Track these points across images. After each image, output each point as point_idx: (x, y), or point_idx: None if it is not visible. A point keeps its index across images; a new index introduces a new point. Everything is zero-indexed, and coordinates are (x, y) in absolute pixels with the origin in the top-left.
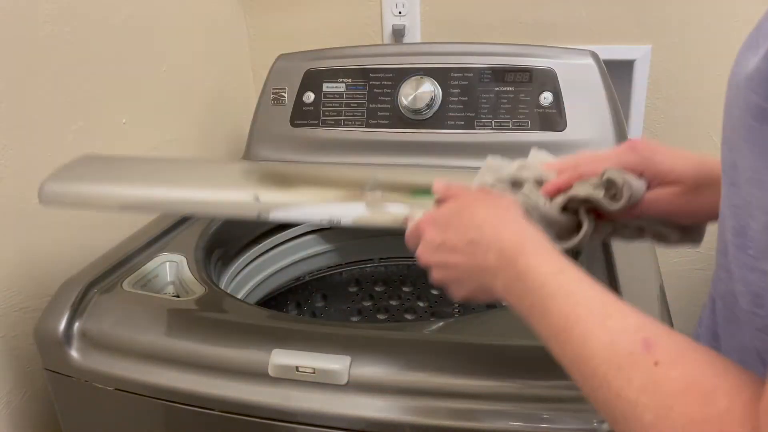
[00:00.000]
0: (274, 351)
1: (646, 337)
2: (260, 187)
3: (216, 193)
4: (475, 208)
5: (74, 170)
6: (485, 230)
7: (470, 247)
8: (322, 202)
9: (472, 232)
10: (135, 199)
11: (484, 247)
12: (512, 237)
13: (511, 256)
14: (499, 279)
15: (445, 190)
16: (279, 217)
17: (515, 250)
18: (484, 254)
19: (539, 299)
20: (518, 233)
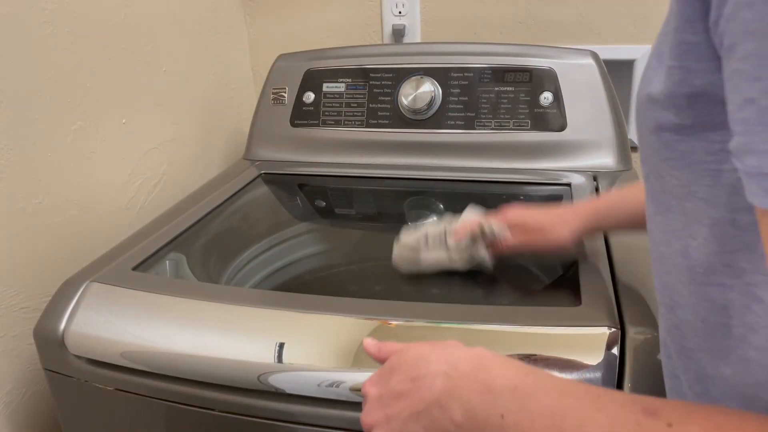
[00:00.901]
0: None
1: (645, 407)
2: None
3: None
4: (420, 348)
5: None
6: (431, 361)
7: (415, 383)
8: None
9: (417, 369)
10: None
11: (431, 376)
12: (464, 355)
13: (468, 373)
14: (455, 402)
15: (379, 350)
16: None
17: (473, 365)
18: (431, 383)
19: (515, 405)
20: (469, 352)
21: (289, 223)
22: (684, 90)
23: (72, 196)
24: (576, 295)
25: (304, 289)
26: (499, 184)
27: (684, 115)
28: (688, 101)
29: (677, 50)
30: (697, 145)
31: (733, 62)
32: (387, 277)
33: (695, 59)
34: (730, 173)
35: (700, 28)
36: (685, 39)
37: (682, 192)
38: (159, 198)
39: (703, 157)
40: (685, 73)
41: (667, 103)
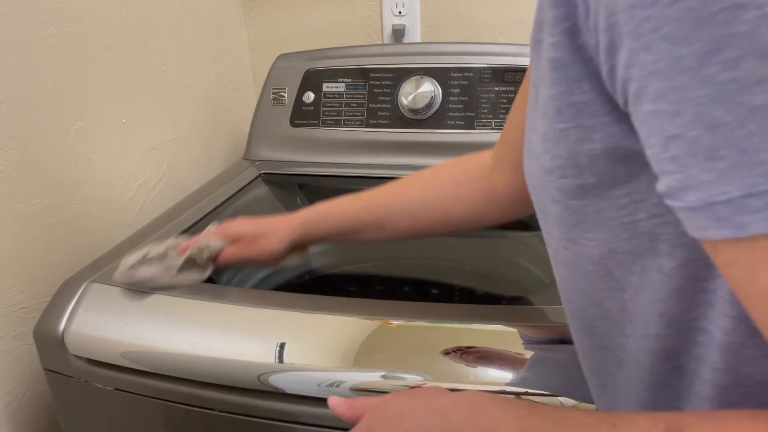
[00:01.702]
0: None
1: (667, 425)
2: None
3: None
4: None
5: None
6: (416, 415)
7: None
8: None
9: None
10: None
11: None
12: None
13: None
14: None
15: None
16: None
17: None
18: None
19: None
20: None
21: None
22: (585, 147)
23: (72, 196)
24: None
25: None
26: None
27: (586, 175)
28: (590, 159)
29: (569, 112)
30: (604, 204)
31: (646, 105)
32: (387, 277)
33: (590, 116)
34: (645, 221)
35: (587, 86)
36: (574, 100)
37: (602, 252)
38: (159, 198)
39: (614, 213)
40: (583, 131)
41: (567, 167)
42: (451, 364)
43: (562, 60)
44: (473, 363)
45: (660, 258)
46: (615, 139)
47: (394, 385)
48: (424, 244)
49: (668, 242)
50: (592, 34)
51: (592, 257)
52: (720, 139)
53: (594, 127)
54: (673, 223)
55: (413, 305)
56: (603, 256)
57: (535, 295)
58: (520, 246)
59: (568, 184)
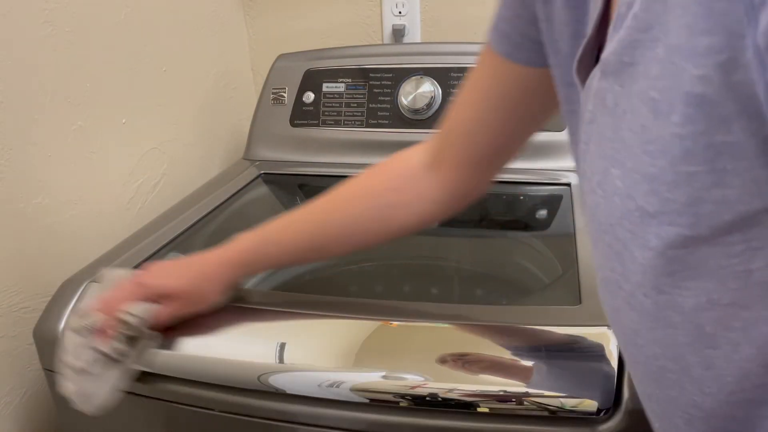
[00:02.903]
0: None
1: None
2: None
3: None
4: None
5: None
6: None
7: None
8: None
9: None
10: None
11: None
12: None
13: None
14: None
15: None
16: None
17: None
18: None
19: None
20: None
21: None
22: (715, 193)
23: (72, 196)
24: (576, 295)
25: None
26: (499, 184)
27: (704, 225)
28: (719, 206)
29: (706, 154)
30: (713, 251)
31: None
32: (387, 277)
33: (732, 159)
34: (762, 270)
35: (736, 127)
36: (716, 141)
37: (698, 303)
38: (159, 198)
39: (725, 262)
40: (719, 176)
41: (682, 215)
42: (452, 364)
43: (710, 96)
44: (473, 371)
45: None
46: (758, 185)
47: (394, 385)
48: (424, 244)
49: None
50: (758, 71)
51: (683, 308)
52: None
53: (734, 171)
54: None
55: (413, 305)
56: (698, 307)
57: (535, 295)
58: (520, 246)
59: (676, 233)
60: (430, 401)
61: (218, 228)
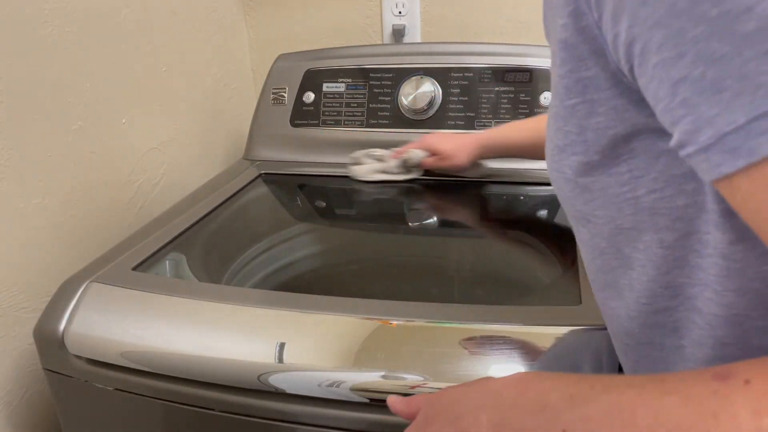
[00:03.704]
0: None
1: (715, 373)
2: None
3: None
4: (451, 391)
5: None
6: (468, 398)
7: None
8: None
9: (455, 408)
10: None
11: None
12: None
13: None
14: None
15: (408, 405)
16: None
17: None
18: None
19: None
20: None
21: (289, 223)
22: (592, 121)
23: (72, 196)
24: (576, 295)
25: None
26: (499, 184)
27: (592, 151)
28: (596, 134)
29: (576, 88)
30: (609, 181)
31: (651, 58)
32: (387, 277)
33: (595, 90)
34: (645, 197)
35: (591, 63)
36: (581, 76)
37: (610, 229)
38: (159, 198)
39: (618, 189)
40: (589, 105)
41: (576, 144)
42: (452, 364)
43: (569, 40)
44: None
45: (661, 232)
46: (618, 112)
47: (394, 385)
48: (424, 244)
49: (667, 216)
50: (593, 12)
51: (603, 234)
52: (721, 71)
53: (599, 101)
54: (671, 197)
55: (413, 305)
56: (612, 233)
57: (535, 295)
58: (520, 246)
59: (577, 161)
60: None
61: (218, 228)
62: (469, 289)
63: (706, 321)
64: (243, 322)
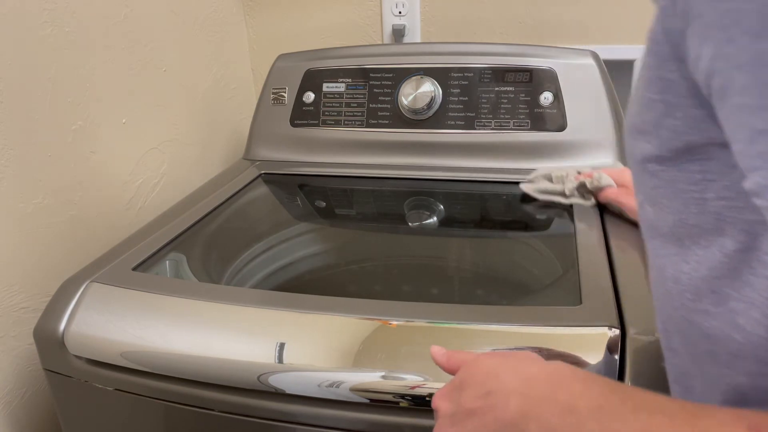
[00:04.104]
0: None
1: (750, 424)
2: None
3: None
4: (491, 359)
5: None
6: (502, 377)
7: (489, 400)
8: None
9: (489, 383)
10: None
11: (504, 394)
12: (540, 373)
13: (545, 394)
14: (532, 424)
15: (448, 361)
16: None
17: (550, 385)
18: (504, 404)
19: (600, 427)
20: (546, 368)
21: (289, 223)
22: (668, 122)
23: (72, 196)
24: (576, 295)
25: (304, 289)
26: (500, 184)
27: (665, 149)
28: (671, 135)
29: (658, 85)
30: (679, 176)
31: (734, 98)
32: (387, 277)
33: (673, 94)
34: (714, 201)
35: (673, 66)
36: (663, 75)
37: (674, 219)
38: (159, 198)
39: (686, 186)
40: (667, 107)
41: (651, 136)
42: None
43: (656, 36)
44: None
45: (724, 238)
46: (695, 122)
47: (394, 385)
48: (424, 244)
49: (734, 226)
50: (678, 20)
51: (667, 221)
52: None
53: (677, 106)
54: (740, 209)
55: (413, 305)
56: (676, 223)
57: (535, 295)
58: (520, 246)
59: (648, 149)
60: (429, 401)
61: (218, 228)
62: (469, 290)
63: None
64: (243, 322)
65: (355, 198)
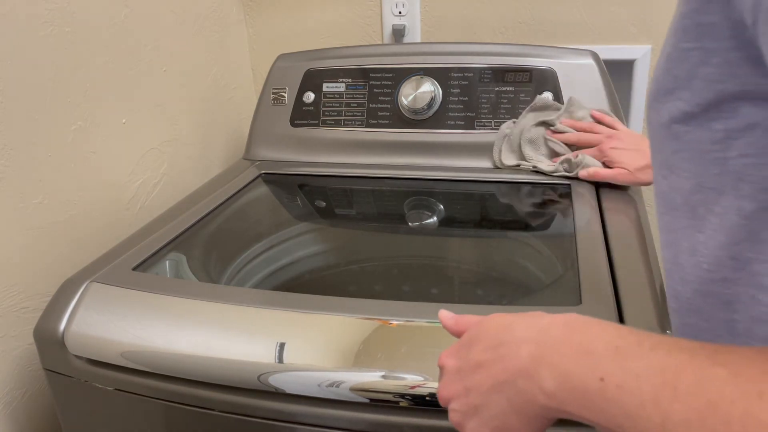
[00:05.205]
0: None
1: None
2: None
3: None
4: (502, 317)
5: None
6: (516, 328)
7: (498, 351)
8: None
9: (501, 335)
10: None
11: (516, 343)
12: (555, 320)
13: (560, 337)
14: (545, 369)
15: (456, 323)
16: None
17: (565, 329)
18: (516, 351)
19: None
20: (560, 317)
21: (289, 223)
22: (702, 70)
23: (72, 196)
24: (576, 295)
25: (304, 289)
26: (499, 184)
27: (695, 100)
28: (704, 84)
29: (695, 32)
30: (702, 135)
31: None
32: (387, 277)
33: (712, 38)
34: (735, 159)
35: (716, 8)
36: (702, 20)
37: (691, 185)
38: (159, 198)
39: (709, 146)
40: (704, 54)
41: (683, 90)
42: None
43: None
44: None
45: (742, 200)
46: (731, 67)
47: (394, 384)
48: (424, 244)
49: (753, 184)
50: None
51: (683, 189)
52: None
53: (714, 51)
54: (761, 165)
55: (413, 305)
56: (692, 189)
57: (535, 295)
58: (520, 245)
59: (679, 107)
60: (429, 401)
61: (218, 228)
62: (469, 289)
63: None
64: (243, 322)
65: (355, 198)
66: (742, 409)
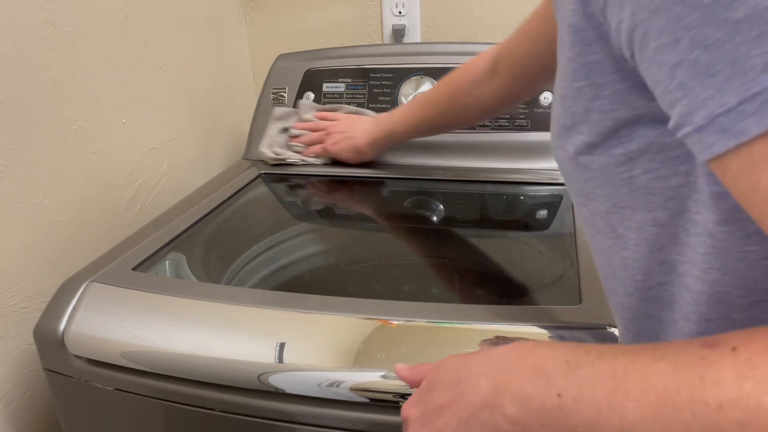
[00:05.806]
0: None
1: (704, 342)
2: None
3: None
4: (456, 357)
5: None
6: (471, 364)
7: (458, 389)
8: None
9: (458, 373)
10: None
11: (474, 378)
12: (506, 350)
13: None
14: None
15: (412, 373)
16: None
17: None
18: (474, 385)
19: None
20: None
21: (288, 223)
22: (596, 103)
23: (72, 196)
24: (575, 295)
25: (304, 289)
26: (499, 184)
27: (595, 132)
28: (599, 116)
29: (584, 71)
30: (607, 161)
31: (651, 43)
32: (387, 277)
33: (600, 74)
34: (640, 176)
35: (597, 48)
36: (588, 60)
37: (607, 207)
38: (159, 198)
39: (615, 170)
40: (595, 89)
41: (582, 124)
42: None
43: (578, 25)
44: None
45: (655, 211)
46: (620, 96)
47: (394, 384)
48: (424, 244)
49: (661, 195)
50: (600, 2)
51: (601, 212)
52: (714, 55)
53: (603, 84)
54: (665, 177)
55: (413, 305)
56: (609, 210)
57: (535, 295)
58: (520, 245)
59: (581, 140)
60: None
61: (218, 228)
62: (469, 289)
63: (692, 297)
64: (243, 322)
65: (355, 198)
66: (687, 396)
